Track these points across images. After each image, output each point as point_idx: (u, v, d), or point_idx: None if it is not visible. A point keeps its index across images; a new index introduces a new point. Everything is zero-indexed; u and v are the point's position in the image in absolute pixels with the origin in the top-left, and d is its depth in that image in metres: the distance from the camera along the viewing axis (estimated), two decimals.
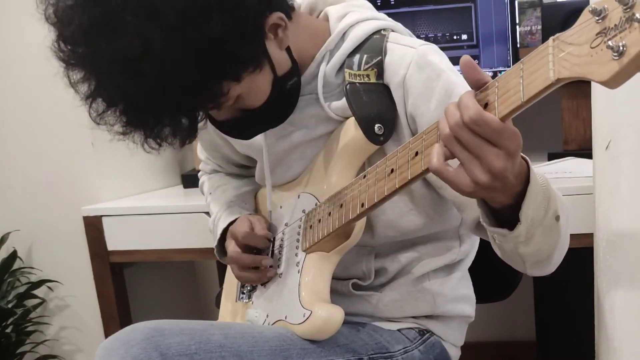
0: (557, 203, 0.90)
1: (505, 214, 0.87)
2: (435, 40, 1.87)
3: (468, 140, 0.76)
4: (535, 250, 0.92)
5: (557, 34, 0.64)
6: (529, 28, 2.12)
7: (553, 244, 0.94)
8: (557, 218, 0.90)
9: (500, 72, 1.88)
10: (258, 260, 1.19)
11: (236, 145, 1.28)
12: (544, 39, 1.83)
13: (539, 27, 2.06)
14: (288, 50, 1.07)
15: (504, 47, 1.87)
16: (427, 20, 1.90)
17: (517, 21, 1.87)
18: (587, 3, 1.19)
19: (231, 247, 1.23)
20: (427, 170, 0.84)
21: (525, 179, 0.84)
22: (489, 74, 1.89)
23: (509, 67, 1.87)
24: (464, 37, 1.89)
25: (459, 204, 1.07)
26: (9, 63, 1.95)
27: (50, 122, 1.96)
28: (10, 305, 1.99)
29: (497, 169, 0.76)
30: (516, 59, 1.87)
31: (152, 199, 2.01)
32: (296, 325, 1.08)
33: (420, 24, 1.89)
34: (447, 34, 1.90)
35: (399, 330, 1.20)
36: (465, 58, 0.76)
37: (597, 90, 1.23)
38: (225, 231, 1.27)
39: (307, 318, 1.06)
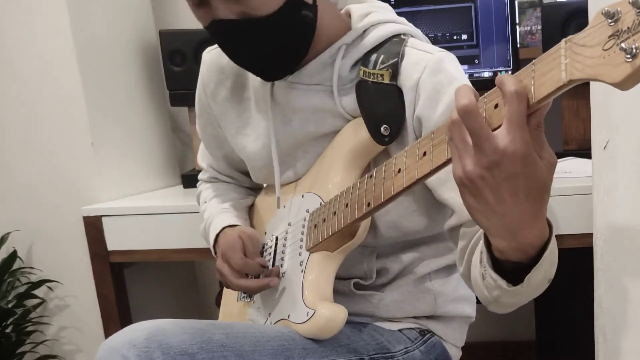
0: (554, 267, 0.86)
1: (507, 268, 0.83)
2: (435, 41, 1.88)
3: (457, 134, 0.74)
4: (514, 303, 0.91)
5: (570, 36, 0.64)
6: (529, 28, 2.12)
7: (529, 298, 0.90)
8: (549, 281, 0.87)
9: (500, 72, 1.89)
10: (262, 285, 1.16)
11: (234, 140, 1.27)
12: (544, 39, 1.84)
13: (539, 27, 2.06)
14: None
15: (504, 47, 1.87)
16: (427, 20, 1.91)
17: (517, 21, 1.88)
18: (587, 3, 1.20)
19: (226, 272, 1.19)
20: (435, 170, 0.84)
21: (542, 246, 0.80)
22: (489, 74, 1.91)
23: (509, 67, 1.88)
24: (464, 37, 1.90)
25: (448, 207, 1.06)
26: (10, 63, 1.95)
27: (50, 122, 1.96)
28: (10, 305, 1.99)
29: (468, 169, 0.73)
30: (516, 59, 1.88)
31: (152, 199, 2.01)
32: (299, 325, 1.08)
33: (420, 24, 1.90)
34: (447, 34, 1.91)
35: (400, 330, 1.20)
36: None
37: (595, 90, 1.24)
38: (217, 236, 1.26)
39: (310, 317, 1.06)
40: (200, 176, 1.47)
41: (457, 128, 0.73)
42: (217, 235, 1.26)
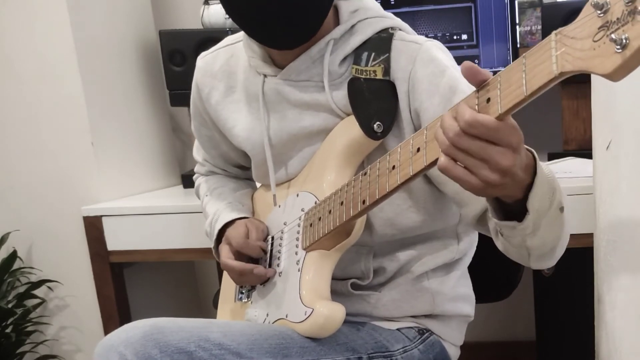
0: (561, 195, 0.91)
1: (513, 207, 0.87)
2: None
3: (470, 146, 0.76)
4: (541, 243, 0.93)
5: (560, 29, 0.64)
6: (529, 28, 2.12)
7: (557, 236, 0.95)
8: (562, 209, 0.91)
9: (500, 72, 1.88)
10: (248, 268, 1.18)
11: (233, 139, 1.27)
12: (544, 39, 1.84)
13: (539, 27, 2.06)
14: None
15: (504, 47, 1.87)
16: (427, 20, 1.91)
17: (517, 21, 1.88)
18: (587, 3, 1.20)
19: (224, 252, 1.23)
20: (429, 166, 0.84)
21: (533, 170, 0.84)
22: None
23: None
24: (464, 37, 1.90)
25: (460, 199, 1.07)
26: (10, 63, 1.96)
27: (50, 122, 1.97)
28: (10, 305, 1.99)
29: (505, 166, 0.77)
30: (516, 59, 1.87)
31: (152, 199, 2.01)
32: (297, 324, 1.08)
33: (421, 24, 1.90)
34: (447, 34, 1.91)
35: (398, 329, 1.20)
36: (466, 64, 0.77)
37: (597, 90, 1.24)
38: (221, 232, 1.26)
39: (309, 316, 1.06)
40: (196, 169, 1.47)
41: (467, 141, 0.76)
42: (225, 228, 1.26)
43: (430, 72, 1.06)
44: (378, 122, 1.07)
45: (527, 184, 0.84)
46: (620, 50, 0.56)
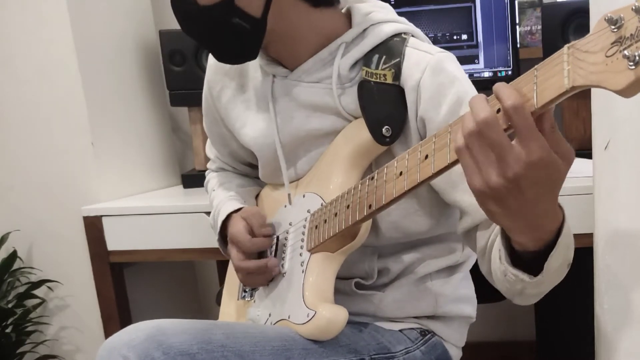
0: (572, 250, 0.87)
1: (526, 259, 0.84)
2: (435, 40, 1.88)
3: (476, 146, 0.73)
4: (538, 292, 0.91)
5: (573, 42, 0.64)
6: (529, 28, 2.13)
7: (553, 285, 0.91)
8: (569, 265, 0.88)
9: (500, 72, 1.89)
10: (262, 264, 1.18)
11: (241, 138, 1.27)
12: (544, 39, 1.84)
13: (539, 27, 2.07)
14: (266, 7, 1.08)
15: (504, 47, 1.87)
16: (427, 20, 1.91)
17: (517, 21, 1.88)
18: (587, 3, 1.20)
19: (234, 254, 1.22)
20: (437, 174, 0.84)
21: (557, 229, 0.81)
22: (489, 74, 1.91)
23: (509, 67, 1.88)
24: (464, 37, 1.90)
25: (458, 209, 1.07)
26: (9, 62, 1.95)
27: (50, 122, 1.96)
28: (10, 305, 1.99)
29: (494, 181, 0.73)
30: (516, 59, 1.88)
31: (152, 199, 2.01)
32: (299, 325, 1.08)
33: (421, 24, 1.90)
34: (447, 34, 1.91)
35: (400, 330, 1.20)
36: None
37: (596, 90, 1.24)
38: (224, 225, 1.26)
39: (311, 318, 1.06)
40: (208, 165, 1.48)
41: (475, 139, 0.73)
42: (225, 222, 1.26)
43: (439, 82, 1.05)
44: (387, 127, 1.07)
45: (548, 240, 0.81)
46: (633, 67, 0.56)
